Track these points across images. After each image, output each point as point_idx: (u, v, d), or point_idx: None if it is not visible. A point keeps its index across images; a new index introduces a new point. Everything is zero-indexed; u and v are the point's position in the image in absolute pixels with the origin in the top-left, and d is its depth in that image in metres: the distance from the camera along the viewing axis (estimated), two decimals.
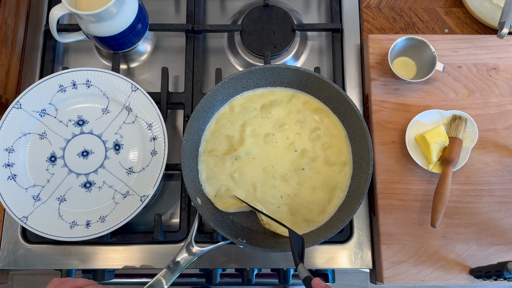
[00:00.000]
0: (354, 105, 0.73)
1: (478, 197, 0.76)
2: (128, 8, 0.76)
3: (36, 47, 0.87)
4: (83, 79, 0.77)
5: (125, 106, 0.77)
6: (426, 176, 0.77)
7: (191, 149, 0.74)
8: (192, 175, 0.73)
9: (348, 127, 0.76)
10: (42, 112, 0.76)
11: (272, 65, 0.75)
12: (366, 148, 0.72)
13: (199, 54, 0.86)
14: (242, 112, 0.77)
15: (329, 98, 0.76)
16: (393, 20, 0.88)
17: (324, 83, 0.74)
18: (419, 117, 0.77)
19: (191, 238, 0.71)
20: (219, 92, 0.75)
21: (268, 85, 0.78)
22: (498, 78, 0.81)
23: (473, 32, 0.88)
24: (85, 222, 0.72)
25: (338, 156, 0.76)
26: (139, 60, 0.89)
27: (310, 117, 0.77)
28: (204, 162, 0.75)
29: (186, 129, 0.72)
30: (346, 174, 0.75)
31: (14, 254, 0.76)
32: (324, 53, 0.89)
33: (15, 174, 0.74)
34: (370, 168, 0.70)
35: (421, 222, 0.75)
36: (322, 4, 0.93)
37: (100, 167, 0.75)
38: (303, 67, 0.75)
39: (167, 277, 0.68)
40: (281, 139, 0.76)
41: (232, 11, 0.92)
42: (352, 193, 0.73)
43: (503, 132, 0.78)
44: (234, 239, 0.68)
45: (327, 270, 0.81)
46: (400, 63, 0.83)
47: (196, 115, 0.73)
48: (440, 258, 0.74)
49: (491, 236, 0.74)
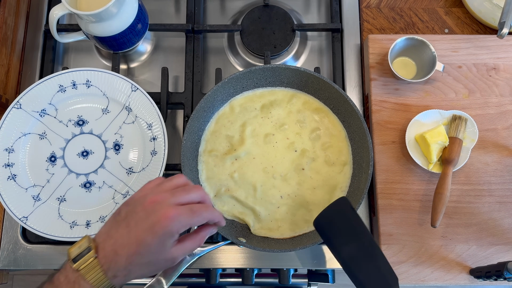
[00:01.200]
0: (354, 105, 0.73)
1: (478, 197, 0.76)
2: (128, 8, 0.76)
3: (36, 47, 0.87)
4: (83, 79, 0.77)
5: (125, 106, 0.77)
6: (426, 176, 0.77)
7: (191, 149, 0.74)
8: (192, 175, 0.73)
9: (348, 127, 0.76)
10: (42, 112, 0.76)
11: (272, 65, 0.75)
12: (366, 148, 0.72)
13: (199, 54, 0.86)
14: (242, 112, 0.77)
15: (329, 98, 0.76)
16: (393, 20, 0.88)
17: (324, 83, 0.74)
18: (419, 117, 0.77)
19: None
20: (219, 92, 0.75)
21: (268, 85, 0.78)
22: (498, 78, 0.81)
23: (473, 32, 0.87)
24: (85, 222, 0.72)
25: (338, 156, 0.76)
26: (139, 60, 0.89)
27: (310, 117, 0.77)
28: (204, 162, 0.75)
29: (186, 129, 0.72)
30: (346, 174, 0.75)
31: (14, 254, 0.76)
32: (324, 53, 0.89)
33: (15, 174, 0.74)
34: (370, 168, 0.70)
35: (421, 222, 0.75)
36: (322, 4, 0.93)
37: (100, 167, 0.75)
38: (303, 67, 0.75)
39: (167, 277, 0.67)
40: (281, 139, 0.76)
41: (232, 11, 0.92)
42: (352, 193, 0.73)
43: (503, 132, 0.78)
44: (234, 239, 0.68)
45: (327, 270, 0.81)
46: (400, 63, 0.83)
47: (196, 115, 0.73)
48: (440, 258, 0.74)
49: (491, 236, 0.74)
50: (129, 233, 0.47)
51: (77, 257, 0.47)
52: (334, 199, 0.74)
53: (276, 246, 0.70)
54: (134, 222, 0.47)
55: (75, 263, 0.47)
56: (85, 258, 0.46)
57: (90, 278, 0.46)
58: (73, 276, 0.46)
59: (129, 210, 0.49)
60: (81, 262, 0.46)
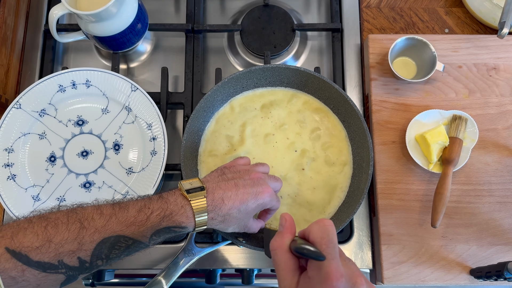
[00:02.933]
0: (354, 105, 0.73)
1: (479, 197, 0.76)
2: (128, 8, 0.76)
3: (35, 47, 0.87)
4: (83, 79, 0.77)
5: (124, 106, 0.77)
6: (426, 176, 0.77)
7: (191, 149, 0.74)
8: (192, 176, 0.73)
9: (348, 127, 0.76)
10: (42, 112, 0.76)
11: (272, 65, 0.74)
12: (366, 148, 0.72)
13: (199, 54, 0.86)
14: (242, 112, 0.77)
15: (329, 98, 0.76)
16: (393, 20, 0.88)
17: (324, 83, 0.74)
18: (419, 117, 0.77)
19: (190, 239, 0.71)
20: (219, 92, 0.75)
21: (268, 85, 0.78)
22: (498, 78, 0.81)
23: (473, 32, 0.87)
24: None
25: (338, 156, 0.75)
26: (139, 60, 0.88)
27: (310, 117, 0.77)
28: (204, 162, 0.75)
29: (186, 129, 0.72)
30: (346, 174, 0.75)
31: None
32: (324, 53, 0.89)
33: (14, 174, 0.74)
34: (370, 168, 0.70)
35: (421, 222, 0.75)
36: (322, 4, 0.93)
37: (100, 167, 0.75)
38: (303, 67, 0.75)
39: (167, 278, 0.67)
40: (281, 139, 0.76)
41: (232, 11, 0.92)
42: (352, 193, 0.73)
43: (504, 132, 0.78)
44: (233, 239, 0.68)
45: None
46: (400, 63, 0.82)
47: (196, 115, 0.73)
48: (440, 258, 0.74)
49: (491, 236, 0.74)
50: (237, 191, 0.57)
51: (190, 190, 0.55)
52: (334, 199, 0.74)
53: None
54: (242, 185, 0.58)
55: (188, 194, 0.55)
56: (197, 194, 0.55)
57: (196, 210, 0.54)
58: (182, 202, 0.54)
59: (236, 176, 0.59)
60: (193, 195, 0.55)
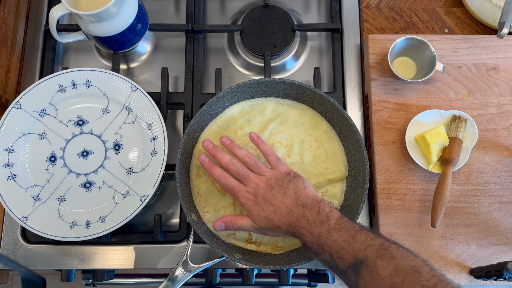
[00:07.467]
0: (350, 118, 0.71)
1: (478, 197, 0.76)
2: (128, 8, 0.76)
3: (36, 47, 0.87)
4: (83, 79, 0.77)
5: (125, 106, 0.77)
6: (426, 176, 0.77)
7: (186, 164, 0.73)
8: (187, 190, 0.72)
9: (344, 140, 0.74)
10: (42, 112, 0.76)
11: (267, 78, 0.73)
12: (362, 162, 0.70)
13: (199, 54, 0.86)
14: (236, 126, 0.76)
15: (325, 111, 0.75)
16: (393, 20, 0.88)
17: (319, 96, 0.73)
18: (419, 117, 0.77)
19: (186, 256, 0.69)
20: (214, 106, 0.73)
21: (263, 96, 0.77)
22: (498, 78, 0.81)
23: (473, 32, 0.88)
24: (85, 222, 0.72)
25: (333, 170, 0.74)
26: (139, 60, 0.89)
27: (305, 130, 0.76)
28: (200, 175, 0.74)
29: (181, 145, 0.70)
30: (342, 187, 0.74)
31: (14, 254, 0.76)
32: (324, 53, 0.89)
33: (15, 174, 0.74)
34: (366, 182, 0.68)
35: (421, 222, 0.75)
36: (322, 4, 0.93)
37: (100, 167, 0.75)
38: (298, 81, 0.73)
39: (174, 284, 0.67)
40: (275, 152, 0.74)
41: (232, 11, 0.92)
42: (349, 207, 0.71)
43: (503, 132, 0.78)
44: (229, 256, 0.66)
45: (327, 270, 0.81)
46: (400, 63, 0.83)
47: (190, 130, 0.71)
48: (440, 258, 0.74)
49: (491, 236, 0.74)
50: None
51: None
52: None
53: (272, 262, 0.69)
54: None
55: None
56: None
57: None
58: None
59: None
60: None
